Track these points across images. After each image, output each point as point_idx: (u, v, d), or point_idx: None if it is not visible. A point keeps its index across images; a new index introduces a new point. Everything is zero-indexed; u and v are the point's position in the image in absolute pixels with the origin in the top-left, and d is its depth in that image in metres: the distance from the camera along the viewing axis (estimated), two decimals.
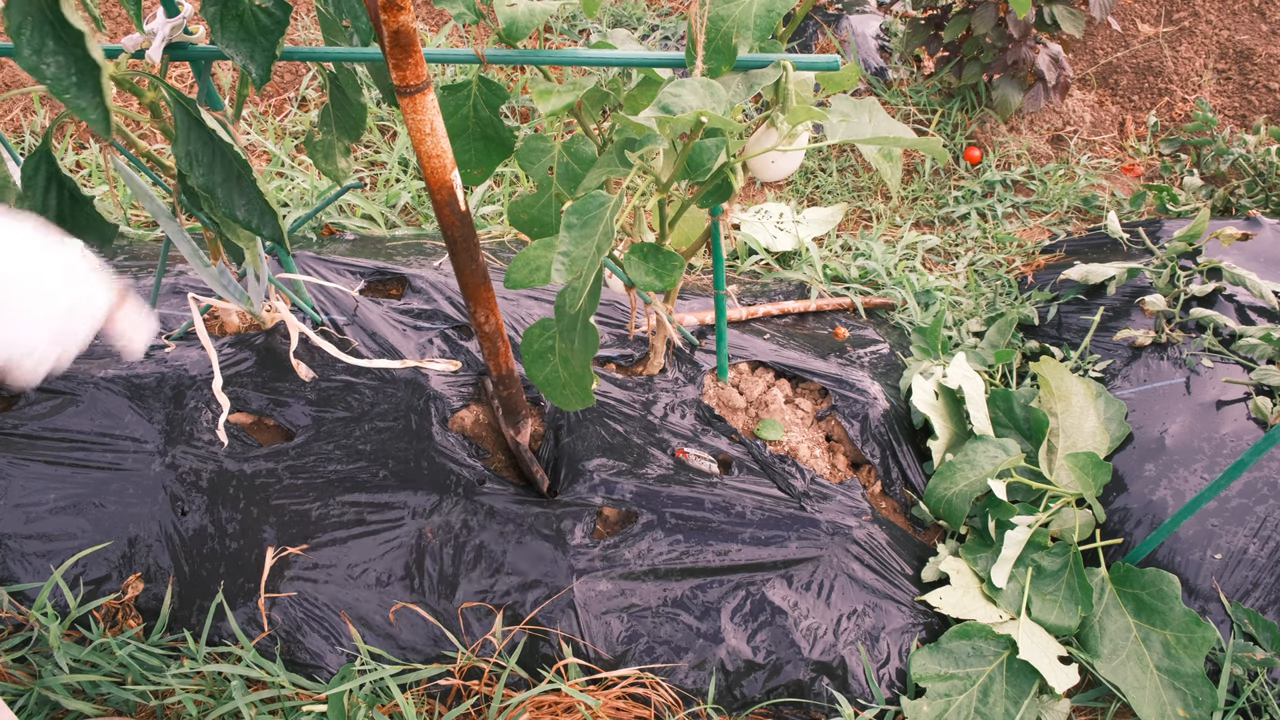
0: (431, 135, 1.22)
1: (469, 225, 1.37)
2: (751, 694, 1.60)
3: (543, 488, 1.73)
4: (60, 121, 1.38)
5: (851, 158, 3.28)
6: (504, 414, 1.78)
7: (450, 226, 1.35)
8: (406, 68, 1.14)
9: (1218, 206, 2.82)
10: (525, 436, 1.79)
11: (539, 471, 1.74)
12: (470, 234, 1.39)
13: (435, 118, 1.21)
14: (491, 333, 1.56)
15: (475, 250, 1.41)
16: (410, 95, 1.17)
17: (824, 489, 1.81)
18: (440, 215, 1.33)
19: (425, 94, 1.18)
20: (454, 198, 1.32)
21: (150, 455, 1.76)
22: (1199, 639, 1.58)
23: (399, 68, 1.13)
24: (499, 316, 1.56)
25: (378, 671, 1.53)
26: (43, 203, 1.46)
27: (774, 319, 2.36)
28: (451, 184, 1.30)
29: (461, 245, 1.39)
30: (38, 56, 1.11)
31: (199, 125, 1.31)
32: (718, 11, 1.27)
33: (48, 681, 1.52)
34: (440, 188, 1.29)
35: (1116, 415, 1.97)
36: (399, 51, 1.12)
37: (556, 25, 4.01)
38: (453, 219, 1.34)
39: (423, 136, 1.22)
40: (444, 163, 1.26)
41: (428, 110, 1.19)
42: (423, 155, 1.25)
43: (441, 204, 1.32)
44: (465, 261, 1.42)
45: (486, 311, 1.53)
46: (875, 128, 1.37)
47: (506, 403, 1.74)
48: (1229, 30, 3.67)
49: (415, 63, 1.14)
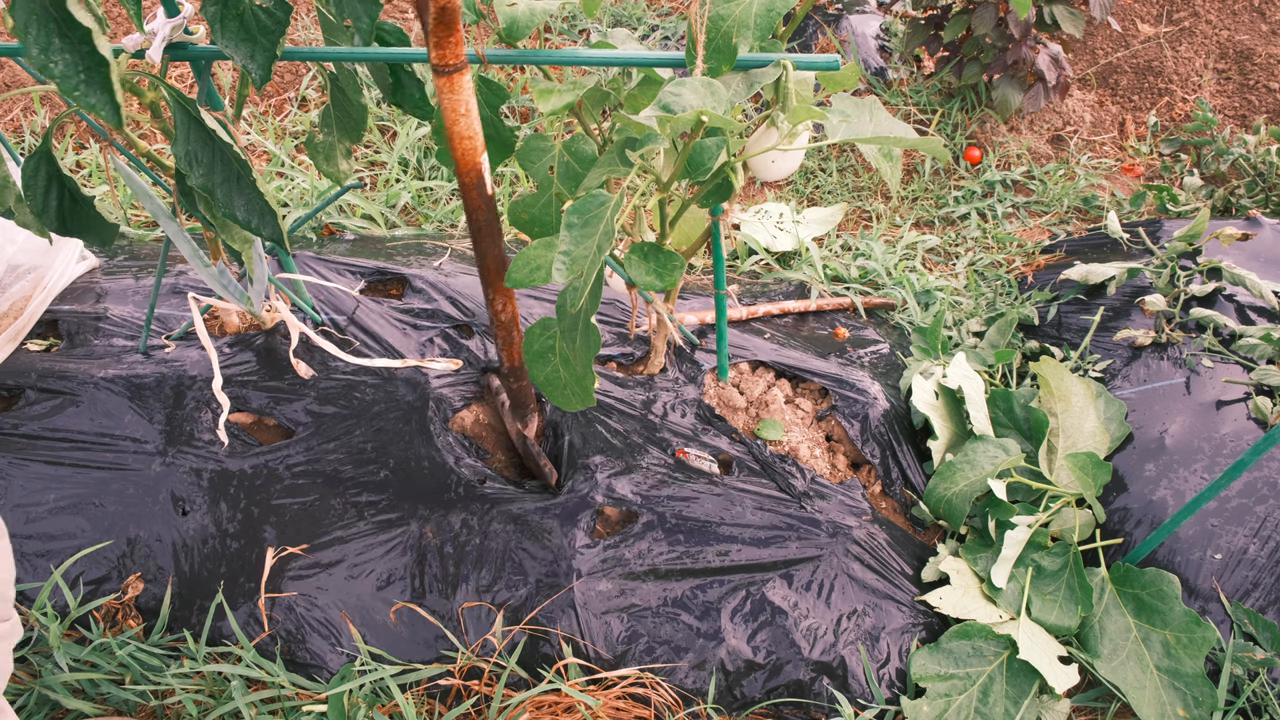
0: (466, 116, 1.23)
1: (494, 209, 1.39)
2: (751, 694, 1.60)
3: (551, 481, 1.73)
4: (60, 121, 1.38)
5: (851, 158, 3.28)
6: (511, 407, 1.78)
7: (476, 210, 1.37)
8: (447, 46, 1.15)
9: (1218, 206, 2.82)
10: (532, 430, 1.79)
11: (547, 465, 1.74)
12: (495, 218, 1.40)
13: (471, 99, 1.22)
14: (507, 321, 1.57)
15: (498, 235, 1.43)
16: (448, 75, 1.17)
17: (824, 489, 1.81)
18: (467, 198, 1.34)
19: (464, 74, 1.19)
20: (482, 180, 1.33)
21: (150, 455, 1.76)
22: (1199, 639, 1.58)
23: (440, 46, 1.14)
24: (515, 305, 1.57)
25: (378, 671, 1.53)
26: (43, 203, 1.45)
27: (774, 319, 2.36)
28: (481, 167, 1.31)
29: (486, 230, 1.40)
30: (45, 55, 1.11)
31: (199, 125, 1.31)
32: (718, 11, 1.27)
33: (48, 681, 1.52)
34: (470, 170, 1.30)
35: (1116, 415, 1.97)
36: (442, 29, 1.12)
37: (556, 25, 4.01)
38: (479, 202, 1.35)
39: (457, 117, 1.23)
40: (475, 145, 1.27)
41: (464, 90, 1.20)
42: (455, 136, 1.25)
43: (470, 186, 1.33)
44: (489, 246, 1.43)
45: (504, 299, 1.53)
46: (876, 127, 1.37)
47: (515, 396, 1.74)
48: (1229, 30, 3.67)
49: (456, 41, 1.15)
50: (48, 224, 1.49)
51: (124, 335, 1.98)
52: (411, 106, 1.61)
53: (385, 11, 3.95)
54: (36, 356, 1.94)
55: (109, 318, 2.02)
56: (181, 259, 2.21)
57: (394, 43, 1.50)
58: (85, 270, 2.19)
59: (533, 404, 1.78)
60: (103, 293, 2.11)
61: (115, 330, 1.99)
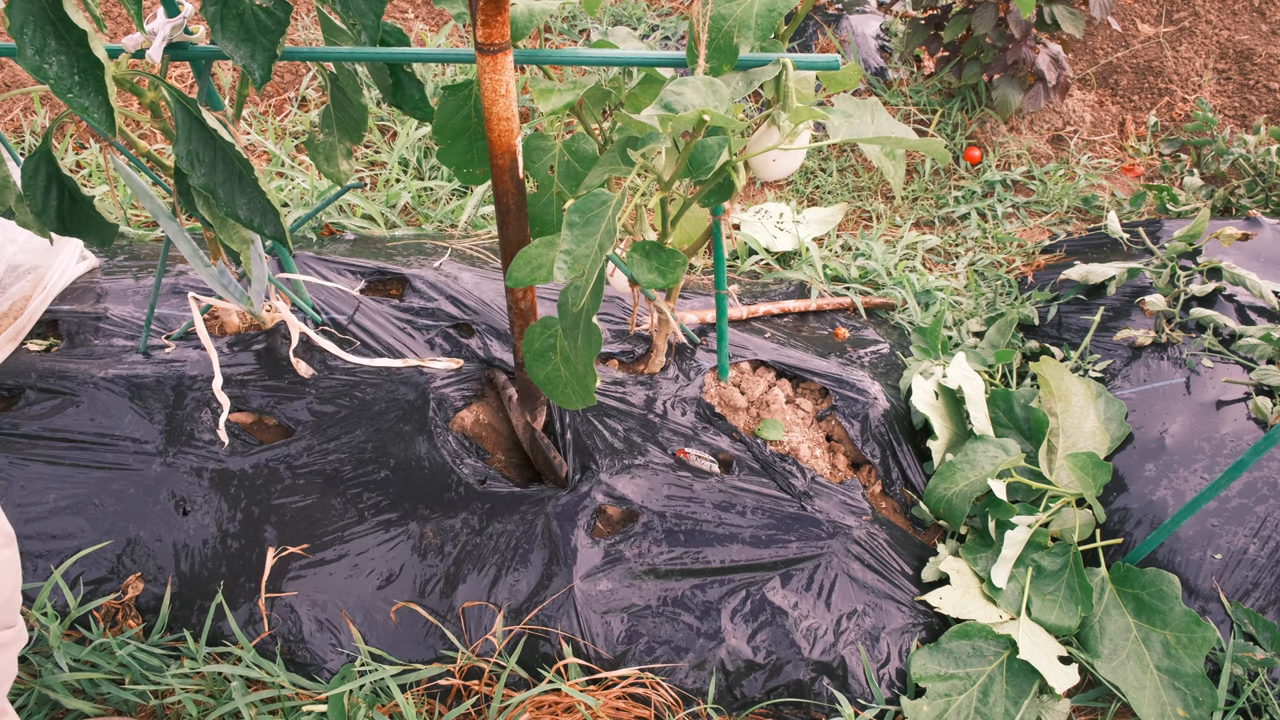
0: (505, 97, 1.23)
1: (524, 193, 1.40)
2: (751, 694, 1.60)
3: (561, 474, 1.73)
4: (60, 121, 1.38)
5: (852, 158, 3.28)
6: (520, 399, 1.78)
7: (506, 194, 1.37)
8: (494, 25, 1.15)
9: (1218, 206, 2.82)
10: (540, 423, 1.79)
11: (557, 457, 1.74)
12: (524, 202, 1.41)
13: (512, 80, 1.22)
14: (525, 310, 1.58)
15: (525, 221, 1.44)
16: (493, 54, 1.18)
17: (824, 489, 1.81)
18: (498, 181, 1.35)
19: (507, 54, 1.19)
20: (515, 164, 1.34)
21: (150, 455, 1.76)
22: (1199, 639, 1.58)
23: (487, 24, 1.14)
24: (534, 294, 1.57)
25: (378, 671, 1.53)
26: (43, 203, 1.46)
27: (774, 319, 2.36)
28: (515, 150, 1.32)
29: (515, 214, 1.41)
30: (40, 56, 1.11)
31: (200, 125, 1.31)
32: (719, 11, 1.27)
33: (48, 681, 1.52)
34: (504, 152, 1.31)
35: (1116, 415, 1.97)
36: (490, 6, 1.13)
37: (556, 25, 4.01)
38: (510, 186, 1.36)
39: (497, 98, 1.23)
40: (512, 126, 1.28)
41: (506, 71, 1.21)
42: (493, 117, 1.26)
43: (502, 169, 1.33)
44: (516, 232, 1.43)
45: (525, 288, 1.54)
46: (878, 127, 1.37)
47: (525, 387, 1.74)
48: (1229, 30, 3.67)
49: (503, 21, 1.15)
50: (47, 224, 1.49)
51: (124, 335, 1.98)
52: (411, 107, 1.61)
53: (385, 12, 3.95)
54: (36, 356, 1.94)
55: (109, 318, 2.02)
56: (181, 259, 2.21)
57: (394, 43, 1.50)
58: (85, 270, 2.19)
59: (542, 395, 1.78)
60: (103, 293, 2.11)
61: (115, 330, 1.99)
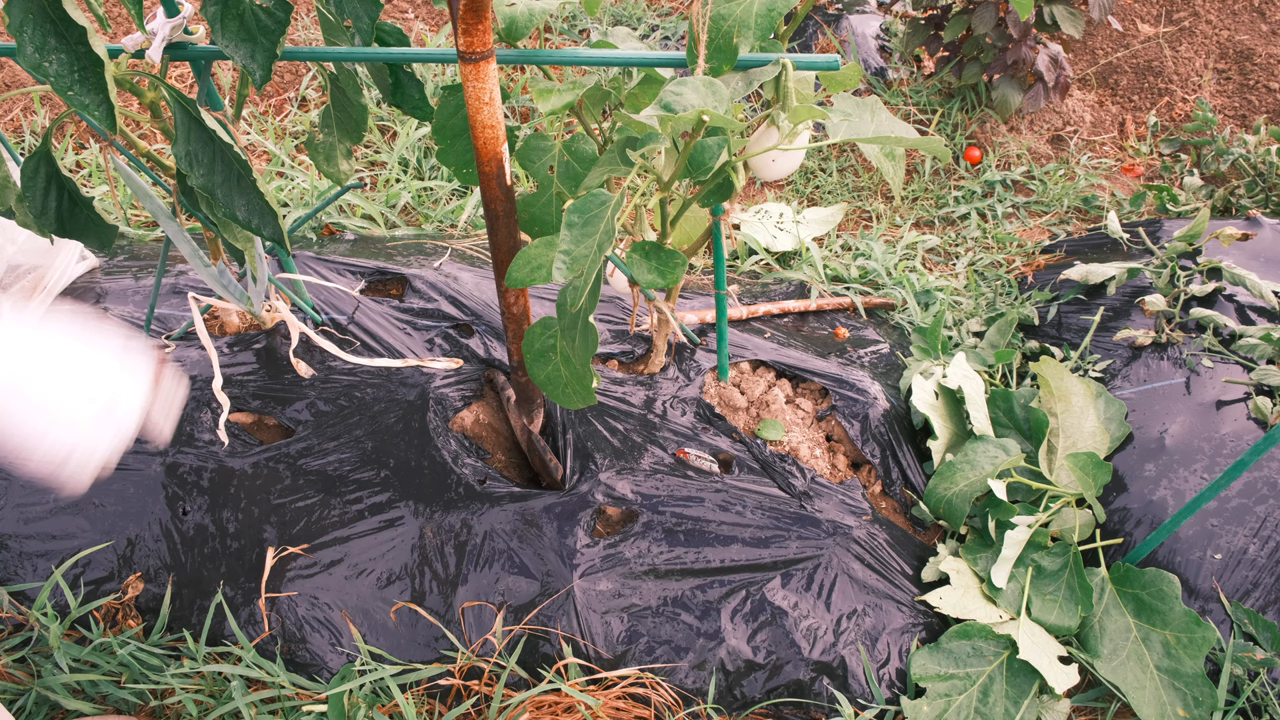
0: (489, 105, 1.24)
1: (512, 199, 1.40)
2: (751, 694, 1.60)
3: (557, 476, 1.73)
4: (60, 121, 1.38)
5: (851, 157, 3.28)
6: (518, 402, 1.78)
7: (494, 200, 1.37)
8: (475, 33, 1.15)
9: (1218, 206, 2.82)
10: (537, 426, 1.79)
11: (553, 460, 1.74)
12: (513, 209, 1.41)
13: (495, 87, 1.23)
14: (519, 315, 1.58)
15: (515, 227, 1.44)
16: (475, 62, 1.18)
17: (824, 489, 1.81)
18: (486, 188, 1.35)
19: (490, 61, 1.19)
20: (502, 170, 1.34)
21: (150, 455, 1.76)
22: (1199, 639, 1.58)
23: (468, 32, 1.14)
24: (528, 298, 1.58)
25: (378, 671, 1.53)
26: (42, 204, 1.46)
27: (774, 318, 2.36)
28: (501, 156, 1.32)
29: (504, 220, 1.41)
30: (40, 55, 1.11)
31: (199, 125, 1.31)
32: (719, 11, 1.27)
33: (48, 681, 1.52)
34: (490, 159, 1.31)
35: (1116, 415, 1.97)
36: (471, 15, 1.13)
37: (556, 25, 4.01)
38: (498, 192, 1.36)
39: (481, 105, 1.23)
40: (497, 134, 1.28)
41: (490, 79, 1.21)
42: (478, 124, 1.26)
43: (489, 176, 1.34)
44: (505, 237, 1.44)
45: (517, 292, 1.55)
46: (878, 127, 1.37)
47: (522, 390, 1.74)
48: (1229, 30, 3.67)
49: (484, 29, 1.15)
50: (46, 226, 1.49)
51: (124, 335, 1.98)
52: (411, 107, 1.61)
53: (385, 12, 3.95)
54: None
55: (109, 318, 2.02)
56: (181, 259, 2.21)
57: (394, 43, 1.50)
58: (85, 270, 2.19)
59: (539, 398, 1.78)
60: (103, 293, 2.11)
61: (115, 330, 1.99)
